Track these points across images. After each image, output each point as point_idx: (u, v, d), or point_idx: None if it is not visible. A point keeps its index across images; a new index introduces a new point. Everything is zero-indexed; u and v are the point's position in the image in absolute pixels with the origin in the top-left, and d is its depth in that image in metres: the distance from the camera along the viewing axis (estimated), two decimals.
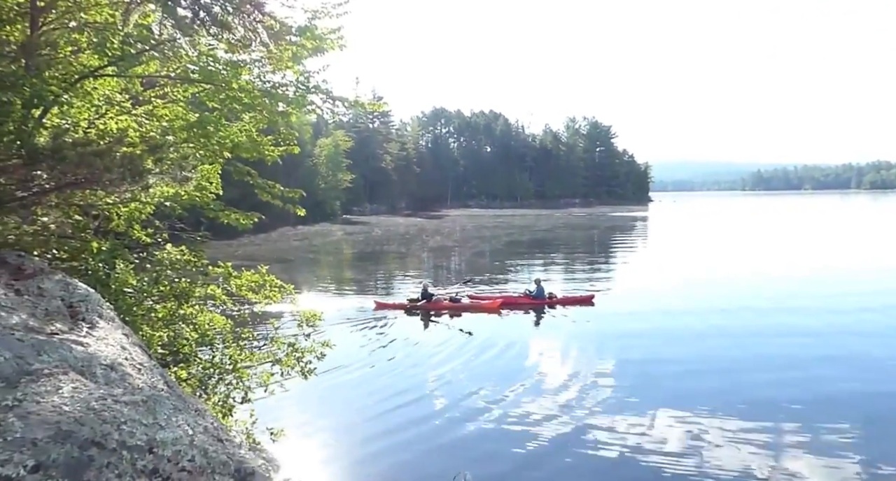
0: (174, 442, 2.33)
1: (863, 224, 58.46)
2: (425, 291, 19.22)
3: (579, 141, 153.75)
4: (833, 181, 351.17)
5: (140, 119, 5.63)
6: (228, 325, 6.58)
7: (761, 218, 74.73)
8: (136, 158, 3.69)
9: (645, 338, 14.89)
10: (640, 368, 12.24)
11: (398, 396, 10.81)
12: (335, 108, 6.60)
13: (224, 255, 19.41)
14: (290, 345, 6.92)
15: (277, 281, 7.02)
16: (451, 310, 18.64)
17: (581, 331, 15.84)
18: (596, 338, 14.95)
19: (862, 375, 11.77)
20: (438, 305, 18.86)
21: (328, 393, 10.93)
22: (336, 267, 33.66)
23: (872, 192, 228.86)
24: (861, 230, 50.83)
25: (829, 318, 16.82)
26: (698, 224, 67.19)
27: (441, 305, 18.88)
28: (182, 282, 6.12)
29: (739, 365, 12.56)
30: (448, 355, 13.57)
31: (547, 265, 31.48)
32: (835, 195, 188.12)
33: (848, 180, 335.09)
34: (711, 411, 9.84)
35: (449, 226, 66.03)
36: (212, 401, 6.04)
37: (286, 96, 6.26)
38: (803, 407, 9.99)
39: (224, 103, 6.14)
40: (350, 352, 13.60)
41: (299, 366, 6.86)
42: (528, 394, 10.83)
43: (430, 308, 18.76)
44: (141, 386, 2.71)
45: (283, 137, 7.31)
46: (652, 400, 10.36)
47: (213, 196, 6.82)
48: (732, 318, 17.03)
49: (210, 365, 6.21)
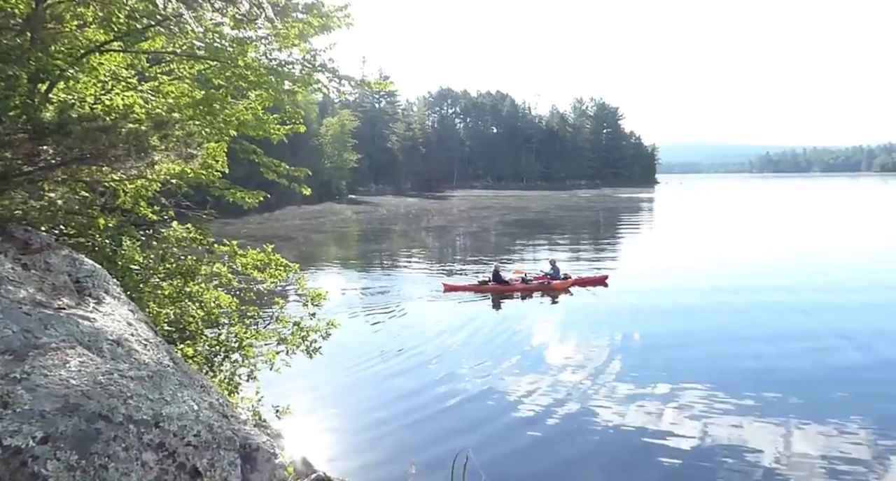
0: (180, 417, 2.34)
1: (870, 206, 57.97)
2: (496, 273, 18.92)
3: (586, 122, 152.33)
4: (842, 164, 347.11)
5: (146, 95, 5.59)
6: (234, 303, 6.60)
7: (768, 200, 74.21)
8: (141, 135, 3.66)
9: (657, 319, 14.97)
10: (653, 350, 12.33)
11: (404, 376, 10.93)
12: (341, 88, 6.51)
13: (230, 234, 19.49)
14: (295, 324, 6.94)
15: (283, 260, 7.04)
16: (523, 293, 18.39)
17: (596, 312, 15.96)
18: (610, 319, 15.04)
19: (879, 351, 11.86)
20: (510, 287, 18.61)
21: (334, 372, 11.02)
22: (342, 246, 33.71)
23: (883, 175, 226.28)
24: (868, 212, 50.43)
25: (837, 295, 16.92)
26: (705, 206, 66.77)
27: (513, 287, 18.62)
28: (188, 260, 6.13)
29: (749, 342, 12.72)
30: (457, 337, 13.63)
31: (553, 245, 31.46)
32: (844, 178, 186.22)
33: (858, 163, 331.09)
34: (722, 390, 9.93)
35: (454, 206, 66.01)
36: (218, 379, 6.08)
37: (292, 74, 6.20)
38: (816, 385, 10.09)
39: (230, 80, 6.08)
40: (357, 333, 13.70)
41: (304, 345, 6.88)
42: (536, 376, 10.90)
43: (502, 290, 18.44)
44: (147, 362, 2.73)
45: (289, 116, 7.24)
46: (662, 380, 10.45)
47: (218, 174, 6.78)
48: (742, 297, 17.15)
49: (216, 342, 6.24)
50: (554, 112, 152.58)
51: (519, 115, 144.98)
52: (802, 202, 68.80)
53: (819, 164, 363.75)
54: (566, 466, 7.65)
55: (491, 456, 7.67)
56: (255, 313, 6.85)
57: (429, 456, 7.48)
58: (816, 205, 61.79)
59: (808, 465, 7.48)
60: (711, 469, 7.45)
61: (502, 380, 10.58)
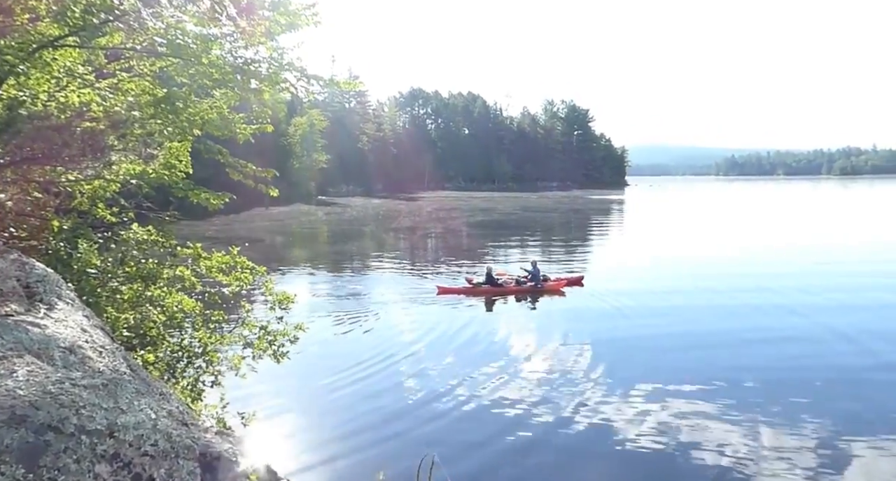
0: (136, 427, 2.27)
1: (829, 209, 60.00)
2: (489, 275, 18.85)
3: (557, 124, 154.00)
4: (804, 167, 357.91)
5: (104, 93, 5.42)
6: (198, 308, 6.47)
7: (734, 203, 76.18)
8: (98, 134, 3.55)
9: (635, 320, 15.19)
10: (634, 352, 12.46)
11: (375, 382, 10.82)
12: (310, 87, 6.43)
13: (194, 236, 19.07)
14: (262, 329, 6.83)
15: (249, 262, 6.93)
16: (518, 294, 18.41)
17: (577, 314, 16.11)
18: (590, 321, 15.20)
19: (851, 350, 12.33)
20: (504, 289, 18.62)
21: (303, 378, 10.88)
22: (311, 248, 33.39)
23: (842, 179, 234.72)
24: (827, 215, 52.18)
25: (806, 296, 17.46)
26: (674, 208, 68.22)
27: (507, 290, 18.62)
28: (149, 263, 5.99)
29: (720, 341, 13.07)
30: (428, 339, 13.57)
31: (525, 246, 31.68)
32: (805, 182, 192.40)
33: (819, 166, 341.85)
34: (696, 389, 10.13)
35: (423, 208, 66.13)
36: (180, 386, 5.97)
37: (259, 73, 6.09)
38: (790, 384, 10.38)
39: (193, 79, 5.95)
40: (326, 337, 13.55)
41: (271, 350, 6.78)
42: (513, 382, 10.86)
43: (496, 293, 18.45)
44: (102, 370, 2.64)
45: (256, 115, 7.13)
46: (641, 383, 10.58)
47: (182, 174, 6.61)
48: (710, 296, 17.68)
49: (179, 348, 6.12)
50: (525, 113, 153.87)
51: (490, 116, 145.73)
52: (766, 205, 70.90)
53: (782, 167, 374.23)
54: (542, 473, 7.67)
55: (463, 466, 7.64)
56: (220, 317, 6.72)
57: (399, 467, 7.43)
58: (779, 209, 63.72)
59: (789, 467, 7.63)
60: (688, 473, 7.55)
61: (478, 387, 10.50)
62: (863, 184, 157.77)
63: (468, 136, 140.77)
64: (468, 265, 24.49)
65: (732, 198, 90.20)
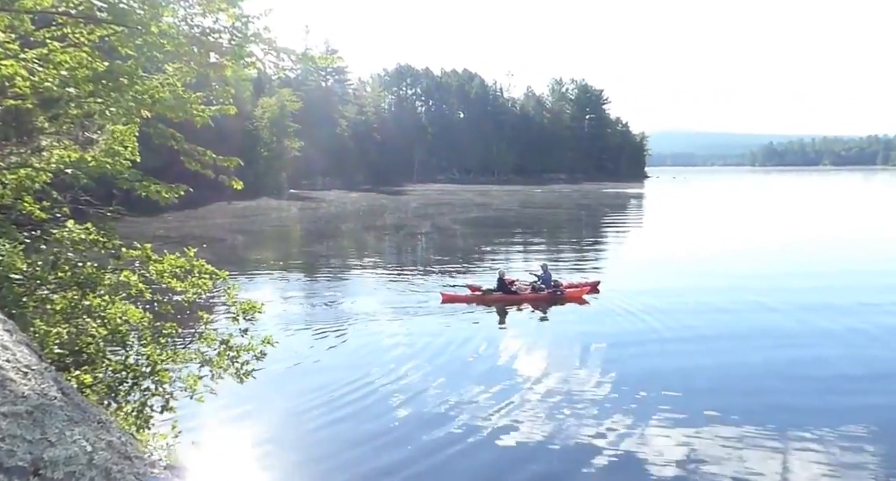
0: (67, 462, 2.21)
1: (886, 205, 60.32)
2: (501, 281, 18.85)
3: (566, 107, 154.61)
4: (856, 156, 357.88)
5: (31, 65, 5.32)
6: (146, 319, 6.40)
7: (775, 198, 76.55)
8: (24, 113, 3.48)
9: (659, 331, 15.26)
10: (654, 371, 12.44)
11: (354, 407, 10.72)
12: (279, 62, 6.38)
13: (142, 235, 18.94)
14: (222, 343, 6.78)
15: (208, 266, 6.87)
16: (534, 303, 18.42)
17: (589, 323, 16.20)
18: (603, 332, 15.27)
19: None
20: (518, 297, 18.61)
21: (270, 401, 10.80)
22: (281, 249, 33.38)
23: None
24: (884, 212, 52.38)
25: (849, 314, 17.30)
26: (700, 204, 68.55)
27: (521, 297, 18.62)
28: (87, 267, 5.91)
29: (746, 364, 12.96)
30: (422, 357, 13.49)
31: (528, 248, 31.71)
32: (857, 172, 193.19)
33: (873, 155, 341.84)
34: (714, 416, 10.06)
35: (412, 203, 66.29)
36: (124, 411, 5.90)
37: (219, 45, 6.03)
38: (811, 411, 10.34)
39: (141, 50, 5.88)
40: (298, 353, 13.47)
41: (234, 368, 6.72)
42: (512, 405, 10.76)
43: (508, 300, 18.46)
44: (26, 394, 2.57)
45: (217, 95, 7.07)
46: (649, 404, 10.56)
47: (128, 163, 6.54)
48: (739, 313, 17.49)
49: (122, 367, 6.04)
50: (529, 94, 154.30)
51: (489, 97, 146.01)
52: (810, 201, 71.19)
53: (830, 156, 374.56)
54: None
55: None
56: (173, 330, 6.66)
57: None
58: (826, 205, 63.80)
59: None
60: None
61: (480, 416, 10.25)
62: None
63: (463, 121, 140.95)
64: (461, 270, 24.54)
65: (770, 193, 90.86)
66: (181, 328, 6.82)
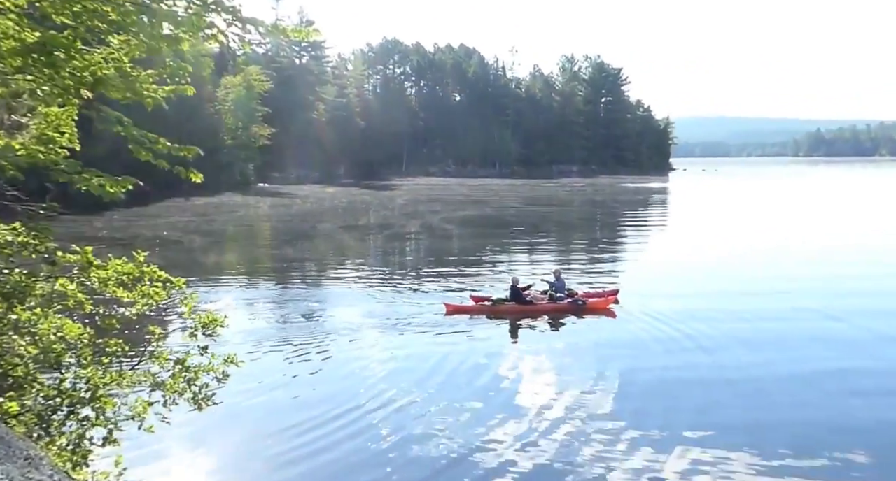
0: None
1: None
2: (515, 289, 18.98)
3: (579, 88, 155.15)
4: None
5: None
6: (86, 336, 6.34)
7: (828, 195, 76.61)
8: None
9: (689, 349, 15.37)
10: (689, 398, 12.48)
11: (333, 440, 10.67)
12: (245, 35, 6.31)
13: (82, 237, 18.84)
14: (178, 363, 6.73)
15: (161, 272, 6.81)
16: (552, 314, 18.60)
17: (611, 341, 16.34)
18: (627, 349, 15.46)
19: None
20: (534, 308, 18.80)
21: (233, 431, 10.76)
22: (248, 253, 33.38)
23: None
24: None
25: None
26: (734, 201, 68.80)
27: (538, 308, 18.83)
28: (14, 274, 5.85)
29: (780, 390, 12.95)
30: (407, 377, 13.50)
31: (534, 250, 31.76)
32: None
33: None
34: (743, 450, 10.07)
35: (398, 199, 66.59)
36: (57, 445, 5.82)
37: (174, 14, 5.98)
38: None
39: (80, 20, 5.84)
40: (268, 374, 13.47)
41: (191, 392, 6.69)
42: (523, 443, 10.66)
43: (522, 311, 18.63)
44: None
45: (171, 72, 7.00)
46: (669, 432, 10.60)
47: (64, 151, 6.49)
48: (783, 325, 17.62)
49: (56, 392, 5.96)
50: (536, 74, 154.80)
51: (490, 77, 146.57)
52: (868, 199, 71.21)
53: (888, 145, 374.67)
54: None
55: None
56: (119, 348, 6.61)
57: None
58: (890, 206, 63.59)
59: None
60: None
61: (484, 458, 10.17)
62: None
63: (460, 105, 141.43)
64: (455, 277, 24.57)
65: (816, 188, 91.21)
66: (128, 345, 6.75)
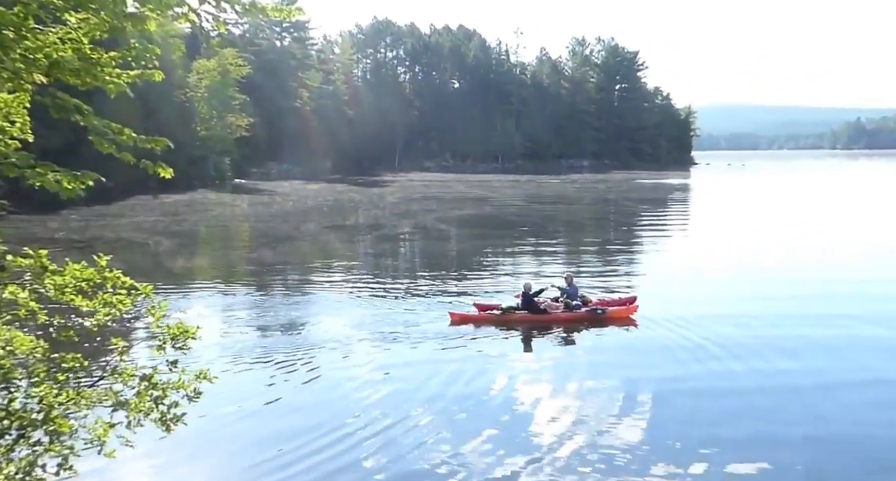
0: None
1: None
2: (527, 296, 19.02)
3: (590, 74, 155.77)
4: None
5: None
6: (39, 349, 6.33)
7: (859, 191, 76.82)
8: None
9: (719, 359, 15.53)
10: (713, 419, 12.49)
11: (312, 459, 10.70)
12: (220, 14, 6.30)
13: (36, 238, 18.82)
14: (144, 379, 6.71)
15: (125, 278, 6.79)
16: (569, 324, 18.70)
17: (623, 349, 16.57)
18: (642, 360, 15.56)
19: None
20: (548, 317, 18.90)
21: (206, 456, 10.77)
22: (223, 257, 33.43)
23: None
24: None
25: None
26: (764, 199, 68.96)
27: (552, 317, 18.91)
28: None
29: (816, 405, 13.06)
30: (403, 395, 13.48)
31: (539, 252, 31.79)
32: None
33: None
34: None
35: (389, 197, 66.87)
36: (4, 474, 5.79)
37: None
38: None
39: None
40: (243, 390, 13.47)
41: (158, 411, 6.68)
42: (502, 455, 10.75)
43: (536, 320, 18.76)
44: None
45: (137, 55, 6.97)
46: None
47: (16, 143, 6.47)
48: (819, 336, 17.75)
49: (4, 414, 5.94)
50: (543, 58, 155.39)
51: (492, 62, 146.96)
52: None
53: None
54: None
55: None
56: (77, 363, 6.59)
57: None
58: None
59: None
60: None
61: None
62: None
63: (459, 93, 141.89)
64: (453, 283, 24.65)
65: (854, 184, 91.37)
66: (88, 360, 6.72)
